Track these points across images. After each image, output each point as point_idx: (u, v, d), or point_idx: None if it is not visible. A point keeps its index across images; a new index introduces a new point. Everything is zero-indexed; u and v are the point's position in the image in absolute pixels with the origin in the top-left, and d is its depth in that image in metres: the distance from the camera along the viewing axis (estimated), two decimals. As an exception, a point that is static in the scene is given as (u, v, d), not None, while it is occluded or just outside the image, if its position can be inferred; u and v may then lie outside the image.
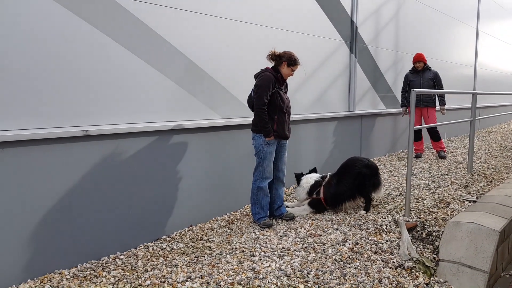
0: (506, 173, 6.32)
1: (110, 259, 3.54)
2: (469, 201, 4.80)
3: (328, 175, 4.78)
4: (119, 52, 3.65)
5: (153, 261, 3.47)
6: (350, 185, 4.54)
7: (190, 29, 4.23)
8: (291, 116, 4.36)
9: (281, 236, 3.93)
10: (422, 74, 7.38)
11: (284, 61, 4.14)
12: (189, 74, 4.27)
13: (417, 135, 7.43)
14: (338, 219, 4.36)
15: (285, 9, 5.43)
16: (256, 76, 4.17)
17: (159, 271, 3.27)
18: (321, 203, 4.60)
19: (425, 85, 7.25)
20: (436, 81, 7.39)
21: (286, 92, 4.31)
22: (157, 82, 3.97)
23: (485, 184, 5.62)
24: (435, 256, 3.74)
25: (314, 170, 4.96)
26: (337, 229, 4.06)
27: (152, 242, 3.92)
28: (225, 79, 4.64)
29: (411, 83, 7.40)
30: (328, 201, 4.58)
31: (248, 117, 4.59)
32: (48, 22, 3.19)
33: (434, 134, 7.57)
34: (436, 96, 7.49)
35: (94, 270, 3.32)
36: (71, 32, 3.31)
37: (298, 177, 4.88)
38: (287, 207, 4.78)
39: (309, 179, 4.73)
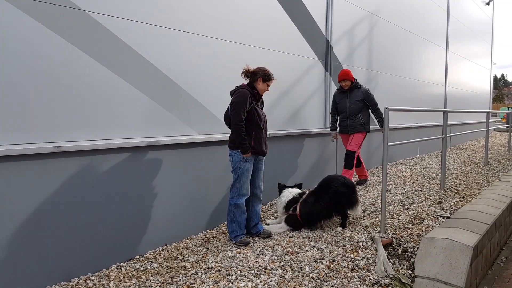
0: (478, 189, 6.47)
1: (81, 281, 3.40)
2: (443, 217, 4.87)
3: (307, 192, 4.78)
4: (93, 67, 3.58)
5: (126, 282, 3.35)
6: (327, 204, 4.54)
7: (166, 45, 4.20)
8: (268, 132, 4.36)
9: (258, 254, 3.87)
10: (349, 95, 6.19)
11: (260, 77, 4.17)
12: (165, 89, 4.23)
13: (356, 162, 6.36)
14: (315, 236, 4.34)
15: (261, 28, 5.48)
16: (232, 93, 4.17)
17: (131, 292, 3.17)
18: (297, 219, 4.58)
19: (352, 108, 6.16)
20: (367, 101, 6.18)
21: (262, 108, 4.32)
22: (132, 97, 3.91)
23: (458, 200, 5.72)
24: (411, 272, 3.75)
25: (299, 186, 4.97)
26: (314, 246, 4.04)
27: (125, 262, 3.79)
28: (202, 95, 4.62)
29: (338, 105, 6.35)
30: (303, 218, 4.57)
31: (224, 133, 4.57)
32: (19, 34, 3.11)
33: (347, 159, 6.22)
34: (374, 119, 6.36)
35: (63, 293, 3.19)
36: (43, 46, 3.24)
37: (280, 188, 4.89)
38: (267, 224, 4.74)
39: (288, 194, 4.72)
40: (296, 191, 4.78)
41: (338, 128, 6.51)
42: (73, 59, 3.44)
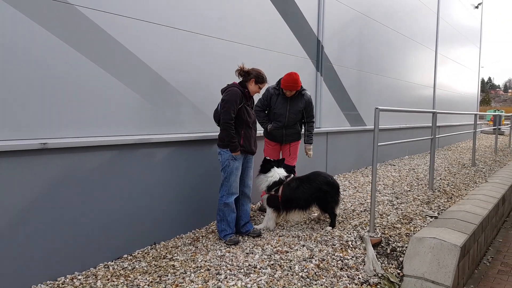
0: (465, 189, 6.53)
1: (67, 280, 3.35)
2: (431, 217, 4.91)
3: (292, 176, 4.74)
4: (83, 63, 3.53)
5: (114, 281, 3.31)
6: (308, 196, 4.51)
7: (157, 43, 4.17)
8: (257, 131, 4.35)
9: (247, 253, 3.86)
10: (290, 102, 4.99)
11: (252, 78, 4.17)
12: (156, 87, 4.19)
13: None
14: (304, 235, 4.34)
15: (253, 26, 5.47)
16: (223, 91, 4.15)
17: (119, 291, 3.13)
18: (278, 200, 4.54)
19: (291, 118, 5.03)
20: (306, 112, 5.12)
21: (252, 108, 4.32)
22: (122, 95, 3.87)
23: (446, 200, 5.77)
24: (400, 271, 3.77)
25: (282, 161, 4.86)
26: (303, 246, 4.03)
27: (112, 261, 3.75)
28: (192, 93, 4.59)
29: (273, 110, 5.04)
30: (283, 200, 4.52)
31: (214, 132, 4.55)
32: (5, 28, 3.04)
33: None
34: (303, 131, 5.32)
35: (49, 292, 3.14)
36: (29, 40, 3.18)
37: (266, 164, 4.71)
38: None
39: (276, 175, 4.60)
40: (283, 173, 4.66)
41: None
42: (62, 55, 3.38)
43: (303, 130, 5.34)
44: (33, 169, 3.19)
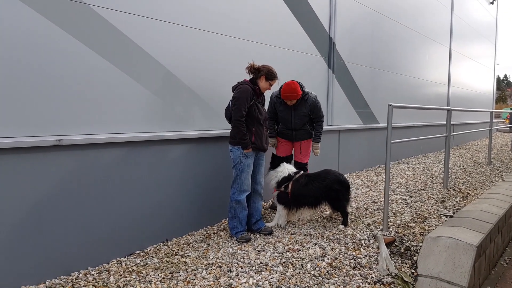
0: (481, 188, 6.42)
1: (81, 275, 3.38)
2: (446, 216, 4.83)
3: (301, 172, 4.72)
4: (95, 61, 3.55)
5: (126, 277, 3.33)
6: (318, 194, 4.49)
7: (168, 40, 4.17)
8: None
9: (259, 251, 3.84)
10: (294, 108, 4.98)
11: (263, 74, 4.15)
12: (167, 84, 4.19)
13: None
14: (316, 234, 4.31)
15: (265, 24, 5.45)
16: (234, 88, 4.14)
17: (132, 287, 3.14)
18: (287, 197, 4.53)
19: (297, 123, 5.04)
20: (313, 115, 5.07)
21: (263, 105, 4.31)
22: (133, 92, 3.88)
23: (461, 199, 5.68)
24: (414, 271, 3.72)
25: (290, 158, 4.86)
26: (315, 244, 4.00)
27: (125, 257, 3.77)
28: (203, 90, 4.59)
29: (280, 115, 5.09)
30: (292, 197, 4.51)
31: (225, 130, 4.54)
32: (19, 26, 3.07)
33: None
34: (312, 129, 5.22)
35: (63, 287, 3.16)
36: (43, 38, 3.21)
37: (275, 159, 4.74)
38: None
39: (286, 170, 4.62)
40: (292, 169, 4.68)
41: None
42: (76, 53, 3.41)
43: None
44: (48, 165, 3.22)
